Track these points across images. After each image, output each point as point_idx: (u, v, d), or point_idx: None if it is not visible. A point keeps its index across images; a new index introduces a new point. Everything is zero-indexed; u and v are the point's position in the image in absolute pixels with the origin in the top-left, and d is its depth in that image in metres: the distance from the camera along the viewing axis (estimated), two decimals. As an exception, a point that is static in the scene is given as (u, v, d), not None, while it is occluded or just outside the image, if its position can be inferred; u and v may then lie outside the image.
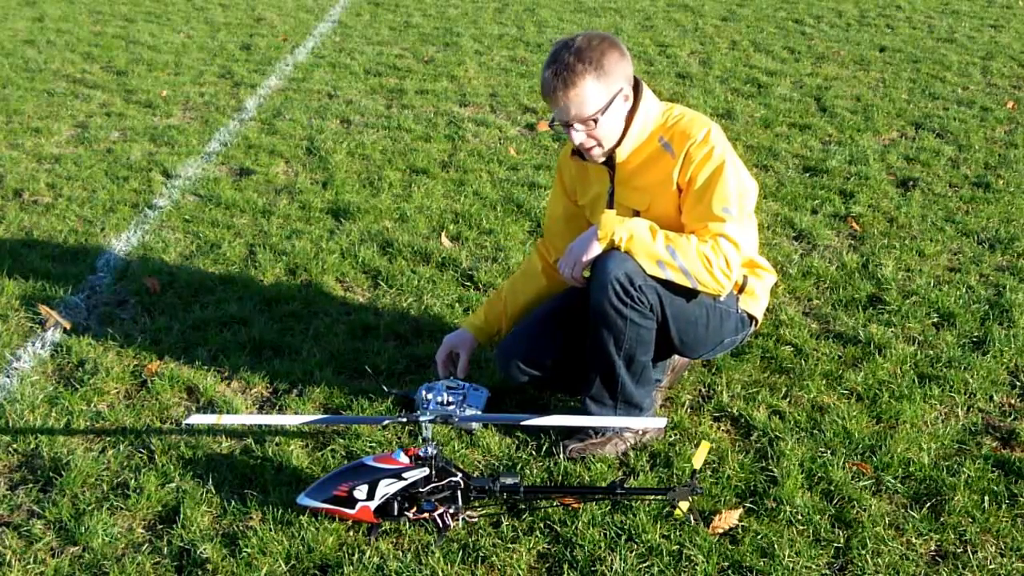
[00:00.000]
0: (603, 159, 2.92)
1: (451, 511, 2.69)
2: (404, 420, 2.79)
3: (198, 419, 3.10)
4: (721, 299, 2.95)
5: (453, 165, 5.38)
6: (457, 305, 3.88)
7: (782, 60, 7.44)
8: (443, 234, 4.50)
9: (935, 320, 3.78)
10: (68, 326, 3.76)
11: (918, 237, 4.49)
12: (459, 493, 2.68)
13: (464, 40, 8.00)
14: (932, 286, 4.02)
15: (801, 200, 4.89)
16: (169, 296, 3.99)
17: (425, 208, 4.79)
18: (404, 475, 2.66)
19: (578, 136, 2.83)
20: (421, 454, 2.68)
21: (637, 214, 2.89)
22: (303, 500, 2.71)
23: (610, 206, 2.97)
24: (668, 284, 2.80)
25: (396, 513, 2.67)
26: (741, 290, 3.08)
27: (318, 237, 4.48)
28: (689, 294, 2.86)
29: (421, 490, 2.66)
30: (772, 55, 7.57)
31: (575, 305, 3.00)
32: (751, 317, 3.13)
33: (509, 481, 2.70)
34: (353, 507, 2.66)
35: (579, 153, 2.96)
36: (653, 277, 2.78)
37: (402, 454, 2.70)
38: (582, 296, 2.91)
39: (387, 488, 2.65)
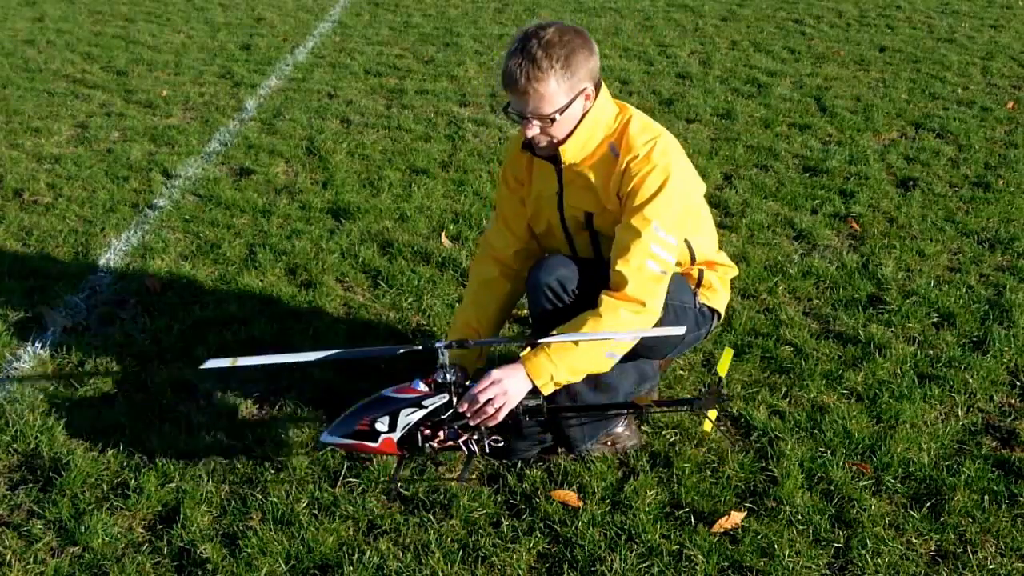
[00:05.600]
0: (549, 153, 2.82)
1: (475, 437, 2.64)
2: (420, 348, 2.74)
3: (214, 363, 2.83)
4: (673, 296, 2.85)
5: (453, 165, 5.38)
6: (457, 305, 3.88)
7: (782, 60, 7.44)
8: (443, 234, 4.50)
9: (935, 320, 3.78)
10: (68, 326, 3.76)
11: (918, 237, 4.49)
12: None
13: (464, 40, 8.00)
14: (932, 286, 4.02)
15: (801, 200, 4.89)
16: (169, 296, 3.99)
17: (425, 208, 4.79)
18: (424, 403, 2.62)
19: (532, 130, 2.72)
20: (439, 380, 2.64)
21: (590, 216, 2.84)
22: (326, 438, 2.66)
23: (560, 208, 2.90)
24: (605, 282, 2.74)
25: (420, 443, 2.63)
26: (698, 284, 3.02)
27: (318, 237, 4.48)
28: None
29: (443, 417, 2.62)
30: (772, 55, 7.56)
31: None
32: (712, 311, 3.06)
33: (532, 403, 2.68)
34: (376, 440, 2.61)
35: (529, 147, 2.87)
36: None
37: (420, 383, 2.65)
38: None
39: (408, 418, 2.60)
